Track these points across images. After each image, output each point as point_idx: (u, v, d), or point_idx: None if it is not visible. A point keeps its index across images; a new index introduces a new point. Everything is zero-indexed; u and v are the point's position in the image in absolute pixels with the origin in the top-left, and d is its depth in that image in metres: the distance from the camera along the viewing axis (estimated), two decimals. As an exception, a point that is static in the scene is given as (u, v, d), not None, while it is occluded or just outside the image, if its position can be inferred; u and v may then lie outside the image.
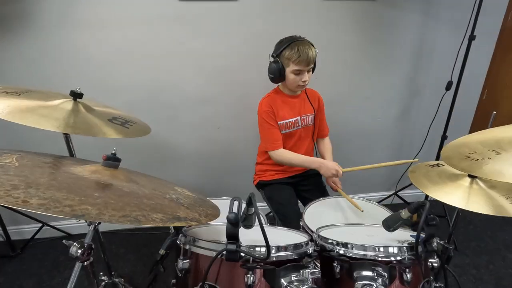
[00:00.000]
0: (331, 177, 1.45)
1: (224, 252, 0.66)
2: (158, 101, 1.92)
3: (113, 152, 0.78)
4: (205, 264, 0.72)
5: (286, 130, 1.57)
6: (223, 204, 1.26)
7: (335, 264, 0.78)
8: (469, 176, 1.17)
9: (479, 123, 2.39)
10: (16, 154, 0.71)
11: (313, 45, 1.50)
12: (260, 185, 1.69)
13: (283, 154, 1.53)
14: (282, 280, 0.66)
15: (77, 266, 0.77)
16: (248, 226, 0.75)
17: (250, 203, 0.69)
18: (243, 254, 0.67)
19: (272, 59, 1.48)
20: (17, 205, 0.46)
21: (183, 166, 2.11)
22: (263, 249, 0.73)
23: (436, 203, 1.69)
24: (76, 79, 1.77)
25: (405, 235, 0.88)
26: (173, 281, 0.85)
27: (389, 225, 0.76)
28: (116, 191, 0.64)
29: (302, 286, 0.64)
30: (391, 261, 0.73)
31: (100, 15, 1.68)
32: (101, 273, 1.41)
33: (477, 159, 0.76)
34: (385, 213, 1.34)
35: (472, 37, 1.88)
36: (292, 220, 1.42)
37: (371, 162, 1.47)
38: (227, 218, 0.65)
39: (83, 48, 1.72)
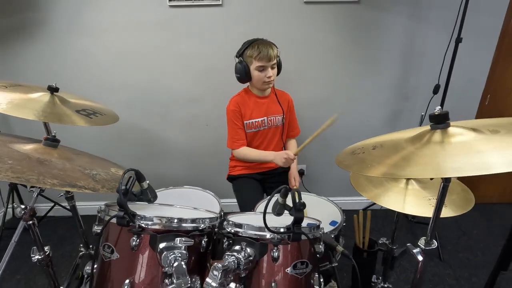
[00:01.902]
0: (285, 163, 1.49)
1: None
2: (151, 100, 2.14)
3: (53, 134, 0.97)
4: (111, 229, 0.87)
5: (252, 129, 1.67)
6: (184, 192, 1.56)
7: (224, 241, 0.88)
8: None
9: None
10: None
11: (275, 45, 1.58)
12: (230, 179, 1.81)
13: (241, 151, 1.64)
14: (160, 245, 0.78)
15: (21, 224, 0.96)
16: (148, 200, 0.89)
17: (139, 179, 0.83)
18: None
19: (237, 60, 1.59)
20: None
21: (173, 159, 2.31)
22: (163, 220, 0.86)
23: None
24: (80, 78, 2.06)
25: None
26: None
27: (273, 210, 0.85)
28: (34, 162, 0.81)
29: (171, 249, 0.76)
30: (263, 239, 0.82)
31: (101, 21, 1.94)
32: (81, 245, 1.63)
33: (355, 154, 0.81)
34: (334, 209, 1.39)
35: (458, 40, 1.82)
36: None
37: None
38: (117, 190, 0.79)
39: (87, 50, 2.00)
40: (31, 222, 0.97)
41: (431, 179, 1.13)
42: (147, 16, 1.94)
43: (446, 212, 1.04)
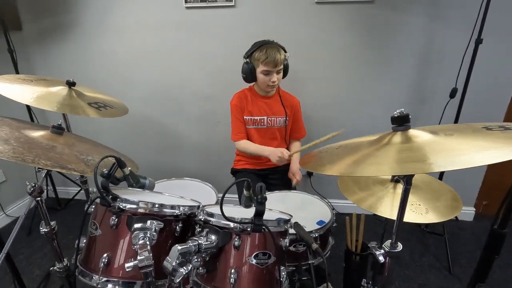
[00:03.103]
0: (278, 160, 1.53)
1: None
2: (168, 97, 2.27)
3: (59, 123, 1.10)
4: (98, 209, 0.97)
5: (251, 126, 1.72)
6: (185, 183, 1.62)
7: (196, 227, 0.95)
8: (392, 180, 1.18)
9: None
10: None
11: (284, 49, 1.61)
12: (233, 172, 1.87)
13: (242, 144, 1.70)
14: (134, 225, 0.87)
15: (30, 200, 1.10)
16: (131, 185, 0.98)
17: (120, 165, 0.91)
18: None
19: (244, 60, 1.64)
20: None
21: (185, 153, 2.43)
22: (146, 204, 0.94)
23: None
24: (104, 74, 2.25)
25: (274, 214, 1.00)
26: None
27: (241, 202, 0.90)
28: (36, 145, 0.94)
29: (143, 230, 0.84)
30: (227, 228, 0.87)
31: (124, 23, 2.11)
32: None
33: (320, 153, 0.83)
34: (325, 209, 1.40)
35: (479, 41, 1.73)
36: None
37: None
38: (100, 174, 0.89)
39: (111, 49, 2.18)
40: (39, 198, 1.11)
41: (396, 180, 1.11)
42: (166, 17, 2.06)
43: (427, 218, 1.02)
